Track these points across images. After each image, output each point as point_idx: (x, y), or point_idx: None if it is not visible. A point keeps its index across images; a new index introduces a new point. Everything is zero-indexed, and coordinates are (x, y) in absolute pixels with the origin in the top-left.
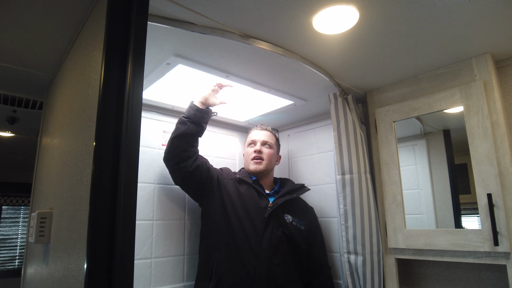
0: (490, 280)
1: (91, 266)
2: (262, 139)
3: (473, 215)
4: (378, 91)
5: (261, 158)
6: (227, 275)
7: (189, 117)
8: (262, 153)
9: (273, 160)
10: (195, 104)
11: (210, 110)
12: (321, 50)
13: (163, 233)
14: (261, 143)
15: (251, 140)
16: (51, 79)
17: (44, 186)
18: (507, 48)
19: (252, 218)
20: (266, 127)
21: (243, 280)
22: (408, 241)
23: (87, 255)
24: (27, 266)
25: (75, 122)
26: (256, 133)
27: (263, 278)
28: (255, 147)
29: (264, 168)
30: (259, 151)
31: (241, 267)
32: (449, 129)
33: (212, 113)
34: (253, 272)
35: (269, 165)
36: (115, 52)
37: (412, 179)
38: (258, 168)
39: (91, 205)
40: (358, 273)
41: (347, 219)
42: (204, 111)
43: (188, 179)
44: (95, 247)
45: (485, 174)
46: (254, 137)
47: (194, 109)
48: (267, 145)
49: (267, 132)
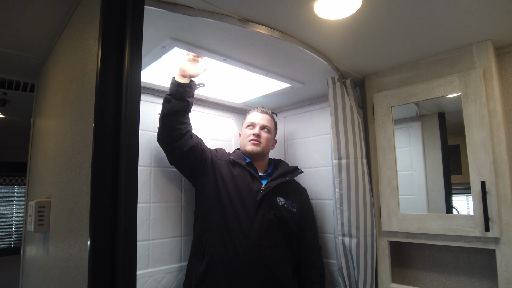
0: (479, 263)
1: (94, 264)
2: (261, 123)
3: (463, 195)
4: (377, 75)
5: (259, 141)
6: (218, 255)
7: (172, 93)
8: (260, 137)
9: (270, 144)
10: (175, 80)
11: (192, 83)
12: (321, 35)
13: (160, 215)
14: (260, 127)
15: (250, 122)
16: (42, 61)
17: (40, 173)
18: (508, 35)
19: (244, 200)
20: (267, 111)
21: (234, 261)
22: (402, 224)
23: (90, 253)
24: (26, 251)
25: (70, 112)
26: (256, 115)
27: (253, 260)
28: (253, 130)
29: (261, 151)
30: (258, 135)
31: (232, 248)
32: (444, 112)
33: (197, 85)
34: (243, 254)
35: (266, 149)
36: (112, 37)
37: (406, 161)
38: (255, 149)
39: (91, 205)
40: (352, 254)
41: (342, 202)
42: (185, 85)
43: (183, 159)
44: (97, 245)
45: (480, 162)
46: (253, 120)
47: (175, 84)
48: (265, 129)
49: (267, 116)
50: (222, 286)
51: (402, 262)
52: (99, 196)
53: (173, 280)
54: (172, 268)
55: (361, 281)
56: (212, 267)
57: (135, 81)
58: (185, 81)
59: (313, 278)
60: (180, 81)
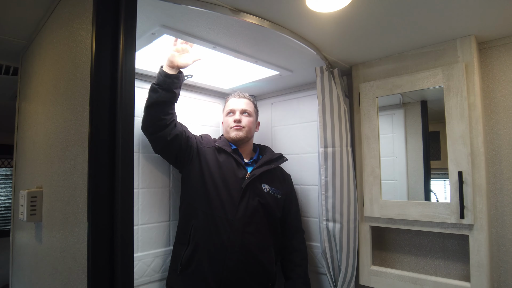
0: (453, 247)
1: (94, 256)
2: (240, 108)
3: (441, 179)
4: (364, 65)
5: (241, 126)
6: (203, 241)
7: (159, 83)
8: (241, 122)
9: (253, 127)
10: (163, 70)
11: (180, 74)
12: (312, 26)
13: (148, 200)
14: (240, 112)
15: (229, 109)
16: (26, 45)
17: (29, 162)
18: (491, 31)
19: (230, 187)
20: (244, 95)
21: (218, 247)
22: (383, 211)
23: (89, 247)
24: (15, 239)
25: (62, 103)
26: (234, 101)
27: (237, 246)
28: (234, 116)
29: (245, 135)
30: (239, 120)
31: (217, 235)
32: (426, 100)
33: (185, 77)
34: (227, 240)
35: (249, 133)
36: (106, 31)
37: (388, 147)
38: (239, 135)
39: (89, 200)
40: (335, 238)
41: (327, 189)
42: (173, 76)
43: (167, 148)
44: (96, 239)
45: (458, 153)
46: (232, 106)
47: (162, 75)
48: (246, 113)
49: (246, 100)
50: (207, 271)
51: (382, 245)
52: (96, 190)
53: (162, 263)
54: (161, 252)
55: (343, 263)
56: (197, 252)
57: (129, 75)
58: (173, 72)
59: (296, 261)
60: (168, 71)
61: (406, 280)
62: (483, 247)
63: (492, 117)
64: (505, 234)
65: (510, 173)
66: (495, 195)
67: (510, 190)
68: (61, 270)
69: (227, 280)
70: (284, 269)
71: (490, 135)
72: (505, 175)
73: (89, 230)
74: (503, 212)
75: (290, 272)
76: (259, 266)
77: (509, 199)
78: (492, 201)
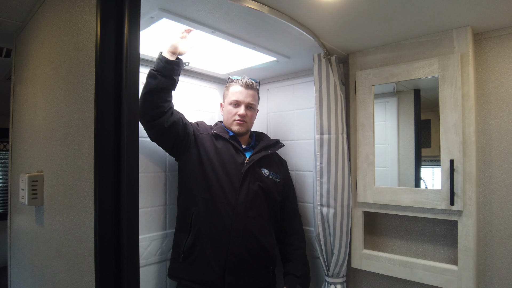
0: (442, 232)
1: (101, 239)
2: (247, 101)
3: (430, 166)
4: (361, 53)
5: (245, 121)
6: (205, 228)
7: (159, 70)
8: (246, 116)
9: (254, 120)
10: (164, 56)
11: (180, 61)
12: (311, 13)
13: (145, 185)
14: (245, 106)
15: (235, 100)
16: (20, 27)
17: (27, 145)
18: (486, 22)
19: (229, 173)
20: (252, 83)
21: (221, 233)
22: (376, 196)
23: (96, 230)
24: (13, 222)
25: (63, 87)
26: (241, 92)
27: (240, 230)
28: (239, 110)
29: (247, 130)
30: (244, 115)
31: (219, 220)
32: (419, 89)
33: (184, 64)
34: (230, 225)
35: (251, 125)
36: (110, 15)
37: (381, 135)
38: (241, 130)
39: (95, 181)
40: (329, 223)
41: (322, 175)
42: (174, 63)
43: (164, 135)
44: (103, 223)
45: (451, 142)
46: (238, 97)
47: (163, 61)
48: (251, 107)
49: (253, 92)
50: (210, 257)
51: (374, 230)
52: (103, 175)
53: (158, 246)
54: (157, 235)
55: (336, 247)
56: (199, 239)
57: (134, 60)
58: (173, 58)
59: (295, 243)
60: (169, 57)
61: (396, 263)
62: (471, 232)
63: (485, 107)
64: (492, 220)
65: (500, 162)
66: (484, 182)
67: (498, 178)
68: (65, 252)
69: (231, 264)
70: (284, 252)
71: (481, 125)
72: (495, 164)
73: (95, 214)
74: (491, 199)
75: (290, 254)
76: (261, 250)
77: (497, 187)
78: (481, 189)
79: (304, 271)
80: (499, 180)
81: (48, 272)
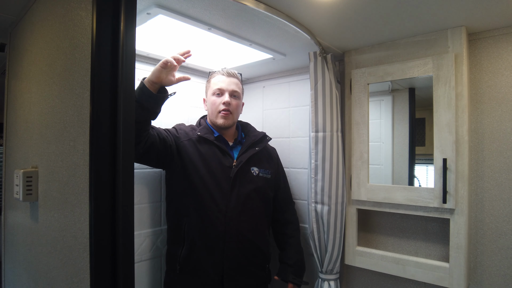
0: (434, 230)
1: (96, 236)
2: (231, 89)
3: (424, 165)
4: (356, 51)
5: (230, 111)
6: (199, 237)
7: (140, 102)
8: (231, 105)
9: (239, 111)
10: (146, 87)
11: (165, 95)
12: (307, 11)
13: (140, 181)
14: (229, 94)
15: (217, 88)
16: (15, 21)
17: (21, 141)
18: (481, 22)
19: (218, 178)
20: (234, 73)
21: (215, 240)
22: (370, 194)
23: (91, 227)
24: (7, 218)
25: (58, 83)
26: (223, 80)
27: (233, 235)
28: (223, 98)
29: (232, 123)
30: (228, 103)
31: (212, 228)
32: (414, 88)
33: (169, 95)
34: (223, 231)
35: (236, 118)
36: (106, 11)
37: (375, 133)
38: (227, 123)
39: (91, 178)
40: (323, 220)
41: (317, 173)
42: (158, 98)
43: (144, 159)
44: (98, 219)
45: (444, 141)
46: (221, 85)
47: (146, 93)
48: (235, 96)
49: (235, 80)
50: (207, 265)
51: (367, 228)
52: (98, 171)
53: (153, 242)
54: (152, 231)
55: (330, 244)
56: (194, 249)
57: (129, 57)
58: (155, 87)
59: (289, 232)
60: (151, 88)
61: (389, 260)
62: (463, 230)
63: (478, 107)
64: (483, 218)
65: (492, 161)
66: (476, 181)
67: (490, 177)
68: (60, 248)
69: (229, 270)
70: (278, 241)
71: (474, 124)
72: (487, 163)
73: (90, 210)
74: (482, 198)
75: (284, 243)
76: (256, 251)
77: (489, 186)
78: (473, 187)
79: (297, 258)
80: (491, 179)
81: (43, 268)
